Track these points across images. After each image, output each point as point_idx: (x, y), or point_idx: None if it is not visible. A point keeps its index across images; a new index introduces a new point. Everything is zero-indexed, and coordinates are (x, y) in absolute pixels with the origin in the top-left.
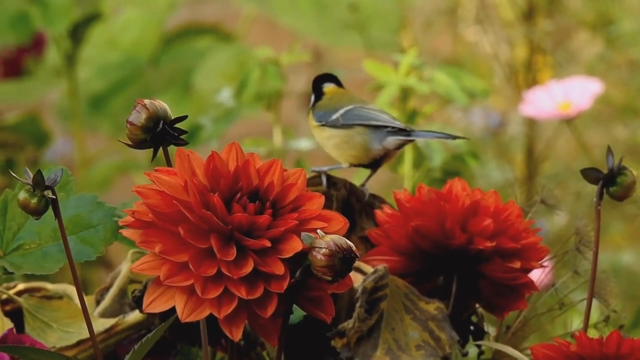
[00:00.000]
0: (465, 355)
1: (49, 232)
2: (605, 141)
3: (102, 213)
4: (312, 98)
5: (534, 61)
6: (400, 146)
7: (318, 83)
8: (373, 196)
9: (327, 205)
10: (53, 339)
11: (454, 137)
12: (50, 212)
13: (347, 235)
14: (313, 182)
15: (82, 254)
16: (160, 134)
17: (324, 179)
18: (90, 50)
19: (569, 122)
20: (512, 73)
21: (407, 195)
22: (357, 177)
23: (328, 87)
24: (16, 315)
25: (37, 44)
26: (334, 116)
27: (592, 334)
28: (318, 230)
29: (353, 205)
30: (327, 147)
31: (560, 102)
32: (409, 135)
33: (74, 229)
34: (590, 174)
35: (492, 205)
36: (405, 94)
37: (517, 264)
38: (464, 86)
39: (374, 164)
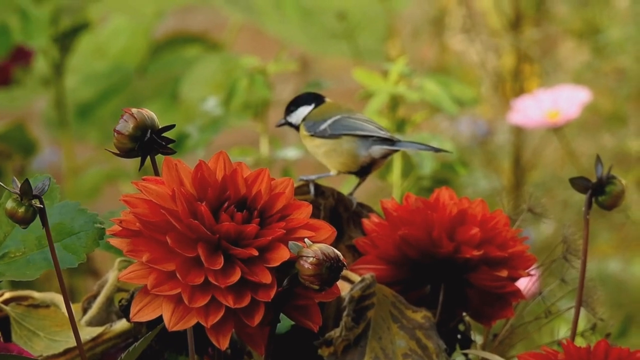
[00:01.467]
0: None
1: (34, 240)
2: (592, 149)
3: (84, 220)
4: (294, 115)
5: (521, 70)
6: (386, 155)
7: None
8: (361, 205)
9: (315, 214)
10: (40, 348)
11: (438, 150)
12: (35, 220)
13: (335, 244)
14: (301, 190)
15: (65, 261)
16: (147, 143)
17: (312, 188)
18: (78, 59)
19: (556, 130)
20: (499, 82)
21: (394, 204)
22: (346, 185)
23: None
24: (3, 324)
25: (25, 54)
26: (322, 126)
27: (580, 342)
28: (305, 239)
29: (341, 214)
30: (318, 155)
31: (549, 110)
32: (393, 144)
33: (58, 237)
34: (579, 183)
35: (479, 214)
36: (395, 102)
37: (504, 273)
38: (453, 94)
39: (362, 172)
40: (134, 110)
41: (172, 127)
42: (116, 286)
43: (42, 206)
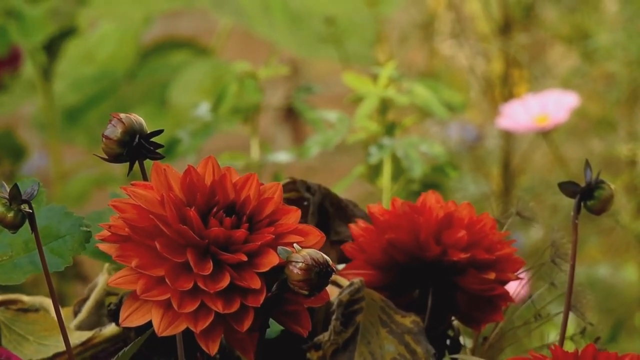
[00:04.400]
0: None
1: (21, 244)
2: (581, 154)
3: (70, 223)
4: None
5: (510, 75)
6: None
7: None
8: (347, 201)
9: (303, 210)
10: (29, 352)
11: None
12: None
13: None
14: (287, 188)
15: (52, 265)
16: (136, 148)
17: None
18: (66, 64)
19: (545, 135)
20: (488, 86)
21: (380, 208)
22: (339, 185)
23: None
24: None
25: (13, 59)
26: None
27: (569, 347)
28: (294, 245)
29: (327, 209)
30: None
31: (537, 115)
32: None
33: (44, 240)
34: (568, 188)
35: (466, 217)
36: (384, 106)
37: (492, 275)
38: (443, 99)
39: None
40: (122, 115)
41: (160, 132)
42: (106, 290)
43: (31, 211)
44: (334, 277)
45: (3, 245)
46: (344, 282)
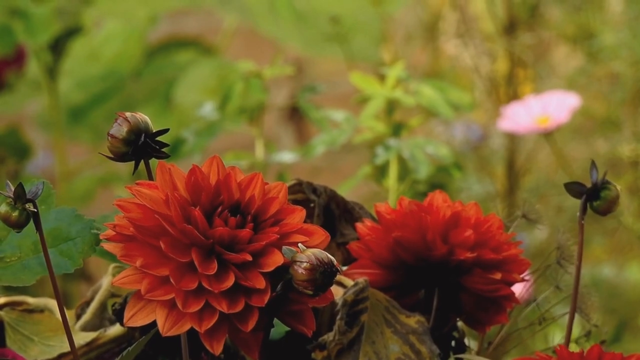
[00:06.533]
0: None
1: (30, 245)
2: (585, 154)
3: (80, 226)
4: None
5: (515, 74)
6: None
7: None
8: (353, 203)
9: (309, 212)
10: (34, 353)
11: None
12: (31, 225)
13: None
14: (293, 189)
15: (61, 267)
16: (141, 147)
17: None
18: (72, 63)
19: (547, 136)
20: (493, 86)
21: (387, 207)
22: (344, 185)
23: None
24: None
25: (18, 58)
26: None
27: (574, 349)
28: (299, 244)
29: (333, 211)
30: None
31: (538, 116)
32: None
33: (54, 242)
34: (573, 188)
35: (473, 217)
36: (391, 106)
37: (498, 276)
38: (449, 99)
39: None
40: (127, 114)
41: (166, 131)
42: (110, 291)
43: (35, 210)
44: (338, 277)
45: (12, 246)
46: (349, 282)
